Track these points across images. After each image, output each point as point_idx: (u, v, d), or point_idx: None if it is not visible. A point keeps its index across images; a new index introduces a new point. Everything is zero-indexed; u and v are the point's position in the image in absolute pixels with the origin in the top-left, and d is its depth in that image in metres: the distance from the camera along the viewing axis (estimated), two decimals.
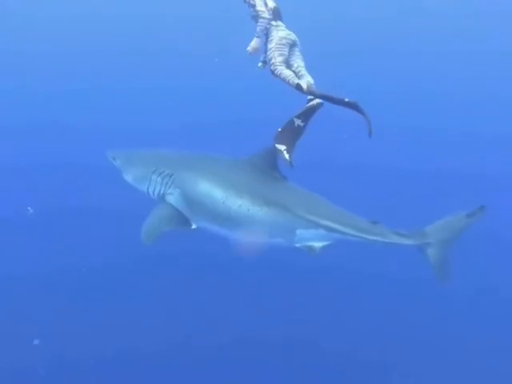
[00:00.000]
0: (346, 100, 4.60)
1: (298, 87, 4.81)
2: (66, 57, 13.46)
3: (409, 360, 5.28)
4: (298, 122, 4.98)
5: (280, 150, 5.04)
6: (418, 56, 13.67)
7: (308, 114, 5.02)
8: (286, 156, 5.03)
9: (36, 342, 5.26)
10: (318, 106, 4.96)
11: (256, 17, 5.14)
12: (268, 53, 5.12)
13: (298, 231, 5.00)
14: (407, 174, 8.29)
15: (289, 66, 5.14)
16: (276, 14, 5.18)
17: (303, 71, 5.10)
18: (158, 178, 5.23)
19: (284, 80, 4.93)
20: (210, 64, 11.82)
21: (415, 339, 5.46)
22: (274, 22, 5.14)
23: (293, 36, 5.18)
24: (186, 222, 5.10)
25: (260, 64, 5.33)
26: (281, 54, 5.04)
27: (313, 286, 5.82)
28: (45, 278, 5.99)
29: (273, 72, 5.04)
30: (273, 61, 5.03)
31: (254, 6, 5.13)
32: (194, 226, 5.10)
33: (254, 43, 5.16)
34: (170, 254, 5.92)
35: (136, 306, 5.62)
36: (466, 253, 5.18)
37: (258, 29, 5.10)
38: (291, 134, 5.05)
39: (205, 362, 5.15)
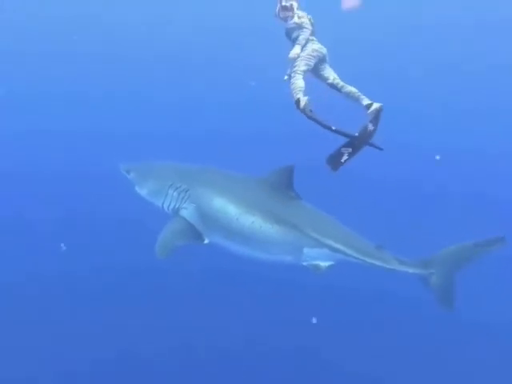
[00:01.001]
0: (334, 128, 4.76)
1: (296, 102, 4.92)
2: (70, 58, 13.48)
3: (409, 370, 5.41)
4: (370, 126, 4.97)
5: (342, 154, 4.97)
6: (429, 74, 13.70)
7: (377, 118, 4.99)
8: (343, 159, 4.98)
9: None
10: (381, 108, 4.96)
11: (293, 29, 5.28)
12: (296, 60, 5.17)
13: (305, 250, 5.18)
14: (429, 196, 8.36)
15: (324, 79, 5.27)
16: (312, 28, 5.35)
17: (341, 82, 5.19)
18: (174, 193, 5.39)
19: (292, 90, 5.00)
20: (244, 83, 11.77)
21: (415, 352, 5.61)
22: (310, 36, 5.28)
23: (324, 50, 5.27)
24: (198, 236, 5.27)
25: (286, 77, 5.25)
26: (306, 64, 5.14)
27: (316, 298, 5.92)
28: (59, 285, 6.15)
29: (291, 78, 5.11)
30: (296, 68, 5.10)
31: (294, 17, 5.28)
32: (206, 241, 5.27)
33: (297, 50, 5.13)
34: (180, 265, 6.06)
35: (141, 310, 5.76)
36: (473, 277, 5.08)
37: (301, 37, 5.17)
38: (363, 140, 5.00)
39: (208, 367, 5.34)
